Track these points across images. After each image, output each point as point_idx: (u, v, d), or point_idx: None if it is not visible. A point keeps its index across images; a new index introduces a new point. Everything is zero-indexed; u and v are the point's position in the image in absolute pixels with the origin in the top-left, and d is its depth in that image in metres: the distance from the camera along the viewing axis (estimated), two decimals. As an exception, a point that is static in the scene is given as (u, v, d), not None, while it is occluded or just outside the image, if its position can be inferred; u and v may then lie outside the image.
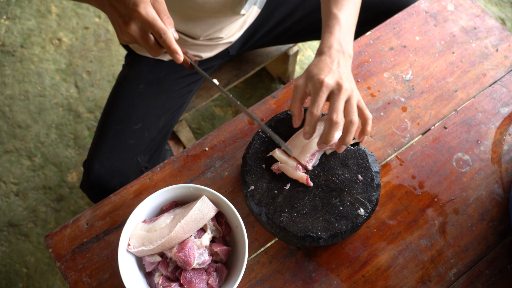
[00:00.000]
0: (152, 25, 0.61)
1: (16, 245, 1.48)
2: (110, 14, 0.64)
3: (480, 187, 0.78)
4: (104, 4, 0.63)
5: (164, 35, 0.61)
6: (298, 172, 0.71)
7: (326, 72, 0.67)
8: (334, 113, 0.64)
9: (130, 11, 0.60)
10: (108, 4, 0.62)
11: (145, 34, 0.63)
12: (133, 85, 0.99)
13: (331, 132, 0.65)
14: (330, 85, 0.65)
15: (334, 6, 0.74)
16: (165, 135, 1.03)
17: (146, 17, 0.60)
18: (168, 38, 0.62)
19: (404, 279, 0.71)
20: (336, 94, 0.65)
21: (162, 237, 0.64)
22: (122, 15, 0.61)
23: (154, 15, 0.61)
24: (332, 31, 0.72)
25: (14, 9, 1.87)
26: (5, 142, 1.63)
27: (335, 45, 0.70)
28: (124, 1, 0.60)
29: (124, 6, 0.60)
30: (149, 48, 0.64)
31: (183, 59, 0.65)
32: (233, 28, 1.02)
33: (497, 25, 0.92)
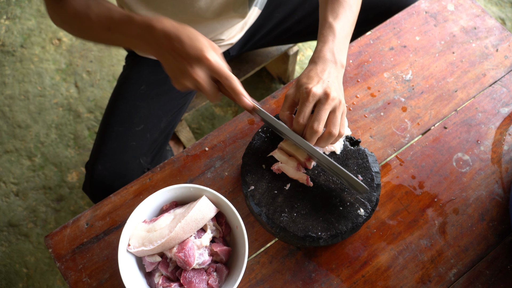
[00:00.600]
0: (219, 70, 0.63)
1: (16, 245, 1.48)
2: (169, 61, 0.65)
3: (480, 187, 0.78)
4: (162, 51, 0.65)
5: (231, 80, 0.64)
6: (298, 172, 0.71)
7: (315, 82, 0.67)
8: (316, 122, 0.65)
9: (197, 57, 0.62)
10: (170, 50, 0.64)
11: (209, 79, 0.65)
12: (134, 87, 0.99)
13: (311, 139, 0.66)
14: (317, 94, 0.65)
15: (330, 14, 0.74)
16: (167, 136, 1.03)
17: (214, 62, 0.62)
18: (234, 83, 0.64)
19: (404, 279, 0.71)
20: (322, 104, 0.65)
21: (162, 237, 0.64)
22: (188, 60, 0.63)
23: (220, 61, 0.63)
24: (325, 40, 0.72)
25: (14, 9, 1.87)
26: (5, 142, 1.63)
27: (328, 55, 0.71)
28: (188, 46, 0.62)
29: (189, 51, 0.62)
30: (211, 92, 0.66)
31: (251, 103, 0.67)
32: (234, 30, 1.02)
33: (497, 25, 0.92)
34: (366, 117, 0.83)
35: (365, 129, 0.82)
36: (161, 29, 0.64)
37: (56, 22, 0.78)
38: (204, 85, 0.65)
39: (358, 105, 0.84)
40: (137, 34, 0.67)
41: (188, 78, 0.65)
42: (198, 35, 0.64)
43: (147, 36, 0.66)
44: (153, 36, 0.65)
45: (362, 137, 0.81)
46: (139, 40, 0.67)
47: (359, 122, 0.82)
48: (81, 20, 0.72)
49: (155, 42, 0.65)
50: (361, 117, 0.83)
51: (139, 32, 0.66)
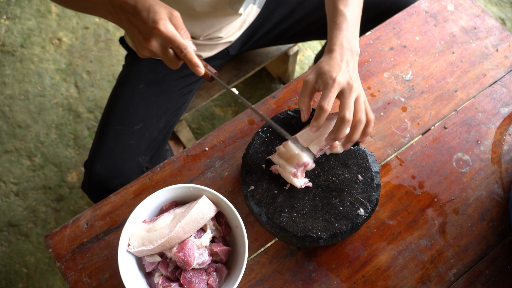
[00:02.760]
0: (172, 41, 0.63)
1: (16, 245, 1.48)
2: (129, 30, 0.66)
3: (480, 187, 0.78)
4: (122, 20, 0.66)
5: (185, 50, 0.64)
6: (294, 179, 0.70)
7: (338, 70, 0.68)
8: (347, 110, 0.66)
9: (150, 28, 0.63)
10: (127, 21, 0.65)
11: (165, 49, 0.65)
12: (133, 85, 0.99)
13: (342, 129, 0.67)
14: (341, 83, 0.67)
15: (340, 2, 0.75)
16: (166, 135, 1.03)
17: (166, 33, 0.63)
18: (188, 53, 0.65)
19: (404, 279, 0.71)
20: (347, 93, 0.67)
21: (162, 237, 0.64)
22: (142, 32, 0.64)
23: (173, 31, 0.63)
24: (340, 28, 0.72)
25: (14, 9, 1.87)
26: (5, 142, 1.63)
27: (344, 43, 0.71)
28: (143, 18, 0.63)
29: (143, 23, 0.63)
30: (168, 61, 0.67)
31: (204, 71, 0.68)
32: (232, 27, 1.02)
33: (497, 25, 0.92)
34: (366, 117, 0.83)
35: (365, 129, 0.82)
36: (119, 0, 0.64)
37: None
38: (161, 55, 0.66)
39: (358, 105, 0.84)
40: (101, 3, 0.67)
41: (145, 49, 0.66)
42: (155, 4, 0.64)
43: (107, 5, 0.66)
44: (112, 5, 0.65)
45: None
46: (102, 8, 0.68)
47: (359, 122, 0.82)
48: None
49: (115, 11, 0.66)
50: (361, 117, 0.83)
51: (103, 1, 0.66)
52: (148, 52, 0.66)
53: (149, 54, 0.67)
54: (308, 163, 0.71)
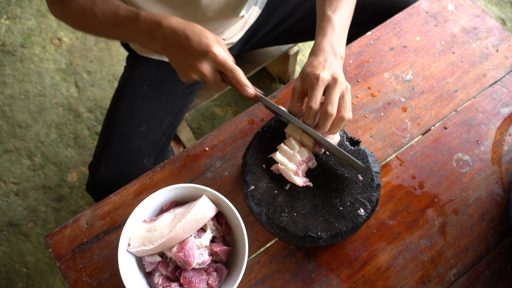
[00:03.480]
0: (224, 63, 0.67)
1: (16, 245, 1.48)
2: (176, 56, 0.69)
3: (480, 187, 0.78)
4: (169, 46, 0.69)
5: (236, 72, 0.68)
6: (295, 177, 0.71)
7: (321, 68, 0.69)
8: (329, 105, 0.67)
9: (204, 52, 0.66)
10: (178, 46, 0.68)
11: (215, 72, 0.69)
12: (135, 87, 0.99)
13: (326, 124, 0.68)
14: (325, 79, 0.68)
15: (328, 7, 0.76)
16: (169, 137, 1.03)
17: (220, 56, 0.67)
18: (239, 75, 0.68)
19: (404, 279, 0.71)
20: (332, 88, 0.68)
21: (163, 237, 0.64)
22: (195, 55, 0.67)
23: (225, 54, 0.68)
24: (325, 33, 0.74)
25: (14, 9, 1.87)
26: (5, 141, 1.63)
27: (327, 47, 0.73)
28: (195, 43, 0.66)
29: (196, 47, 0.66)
30: (215, 83, 0.70)
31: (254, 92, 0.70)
32: (234, 29, 1.02)
33: (498, 25, 0.92)
34: (366, 117, 0.83)
35: (365, 129, 0.82)
36: (168, 26, 0.67)
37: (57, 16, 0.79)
38: (210, 78, 0.69)
39: (358, 105, 0.84)
40: (143, 31, 0.69)
41: (195, 72, 0.69)
42: (204, 31, 0.67)
43: (154, 33, 0.69)
44: (160, 33, 0.68)
45: (362, 137, 0.81)
46: (145, 36, 0.70)
47: (359, 122, 0.82)
48: (85, 16, 0.73)
49: (163, 38, 0.68)
50: (361, 117, 0.83)
51: (146, 29, 0.69)
52: (197, 75, 0.69)
53: (197, 77, 0.70)
54: (311, 158, 0.71)
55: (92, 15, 0.73)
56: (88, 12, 0.73)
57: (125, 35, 0.73)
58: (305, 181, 0.71)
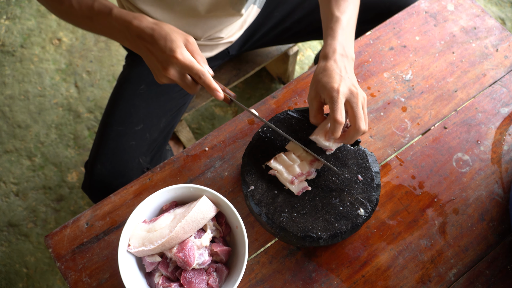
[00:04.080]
0: (190, 68, 0.65)
1: (16, 245, 1.48)
2: (146, 58, 0.68)
3: (480, 187, 0.78)
4: (139, 48, 0.68)
5: (203, 76, 0.66)
6: (291, 186, 0.71)
7: (338, 80, 0.67)
8: (360, 121, 0.66)
9: (168, 57, 0.64)
10: (144, 49, 0.67)
11: (183, 76, 0.67)
12: (134, 86, 0.99)
13: (354, 138, 0.68)
14: (346, 93, 0.67)
15: (336, 7, 0.74)
16: (166, 136, 1.03)
17: (184, 61, 0.65)
18: (207, 79, 0.66)
19: (404, 279, 0.71)
20: (355, 102, 0.67)
21: (163, 237, 0.64)
22: (160, 60, 0.66)
23: (190, 58, 0.65)
24: (335, 34, 0.72)
25: (14, 9, 1.87)
26: (5, 142, 1.63)
27: (339, 49, 0.71)
28: (160, 47, 0.64)
29: (161, 52, 0.65)
30: (186, 87, 0.69)
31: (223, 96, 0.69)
32: (233, 28, 1.02)
33: (497, 25, 0.92)
34: (366, 117, 0.83)
35: (365, 129, 0.82)
36: (137, 28, 0.66)
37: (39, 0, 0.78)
38: (180, 82, 0.68)
39: (358, 105, 0.84)
40: (115, 28, 0.68)
41: (163, 77, 0.68)
42: (172, 32, 0.65)
43: (125, 32, 0.68)
44: (130, 33, 0.67)
45: (362, 137, 0.81)
46: (118, 34, 0.69)
47: (359, 122, 0.82)
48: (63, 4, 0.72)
49: (132, 39, 0.67)
50: (361, 117, 0.83)
51: (117, 27, 0.68)
52: (167, 80, 0.68)
53: (167, 81, 0.69)
54: (311, 172, 0.71)
55: (69, 5, 0.71)
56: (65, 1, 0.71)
57: (99, 29, 0.72)
58: (300, 190, 0.71)
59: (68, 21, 0.77)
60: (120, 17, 0.67)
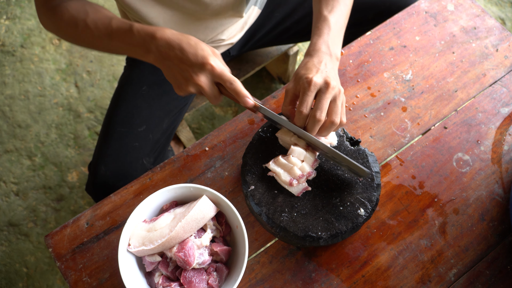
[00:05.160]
0: (222, 75, 0.66)
1: (16, 245, 1.48)
2: (171, 69, 0.68)
3: (480, 187, 0.78)
4: (163, 59, 0.67)
5: (235, 83, 0.66)
6: (290, 188, 0.71)
7: (314, 72, 0.68)
8: (318, 110, 0.66)
9: (200, 64, 0.65)
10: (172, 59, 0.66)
11: (212, 84, 0.67)
12: (135, 87, 0.99)
13: (314, 128, 0.68)
14: (318, 83, 0.67)
15: (325, 7, 0.75)
16: (169, 137, 1.03)
17: (217, 68, 0.65)
18: (238, 86, 0.67)
19: (404, 279, 0.71)
20: (323, 92, 0.67)
21: (163, 237, 0.64)
22: (191, 68, 0.65)
23: (222, 66, 0.66)
24: (320, 34, 0.73)
25: (14, 9, 1.87)
26: (5, 141, 1.63)
27: (323, 48, 0.72)
28: (191, 56, 0.65)
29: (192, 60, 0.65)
30: (213, 96, 0.69)
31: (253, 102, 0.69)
32: (234, 29, 1.02)
33: (497, 25, 0.92)
34: (366, 117, 0.83)
35: (365, 129, 0.82)
36: (162, 38, 0.66)
37: (48, 28, 0.78)
38: (208, 90, 0.67)
39: (358, 105, 0.84)
40: (137, 43, 0.68)
41: (192, 85, 0.67)
42: (200, 42, 0.66)
43: (148, 45, 0.67)
44: (154, 45, 0.67)
45: (362, 137, 0.81)
46: (139, 49, 0.69)
47: (359, 122, 0.82)
48: (77, 27, 0.72)
49: (157, 50, 0.67)
50: (361, 117, 0.83)
51: (139, 41, 0.68)
52: (194, 88, 0.68)
53: (194, 90, 0.68)
54: (311, 173, 0.71)
55: (84, 26, 0.71)
56: (80, 23, 0.71)
57: (118, 47, 0.72)
58: (300, 191, 0.71)
59: (83, 45, 0.76)
60: (142, 30, 0.67)
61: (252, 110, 0.70)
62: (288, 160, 0.71)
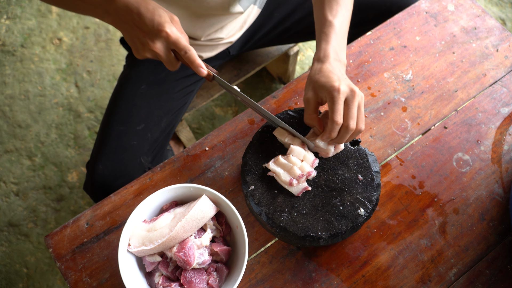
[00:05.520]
0: (177, 43, 0.66)
1: (16, 245, 1.48)
2: (129, 31, 0.68)
3: (480, 187, 0.78)
4: (122, 22, 0.67)
5: (189, 51, 0.66)
6: (290, 188, 0.71)
7: (336, 79, 0.68)
8: (351, 120, 0.67)
9: (156, 31, 0.65)
10: (128, 22, 0.66)
11: (168, 51, 0.67)
12: (134, 86, 0.99)
13: (346, 137, 0.69)
14: (345, 91, 0.67)
15: (329, 12, 0.75)
16: (167, 136, 1.03)
17: (172, 36, 0.65)
18: (192, 55, 0.67)
19: (404, 279, 0.71)
20: (351, 101, 0.68)
21: (163, 236, 0.64)
22: (147, 33, 0.65)
23: (178, 34, 0.66)
24: (328, 39, 0.73)
25: (15, 9, 1.87)
26: (5, 141, 1.63)
27: (332, 54, 0.72)
28: (147, 21, 0.65)
29: (148, 26, 0.65)
30: (169, 63, 0.69)
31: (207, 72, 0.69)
32: (233, 28, 1.02)
33: (498, 25, 0.92)
34: (366, 117, 0.83)
35: (365, 129, 0.82)
36: (121, 1, 0.66)
37: None
38: (164, 57, 0.68)
39: (358, 105, 0.84)
40: (97, 3, 0.68)
41: (148, 50, 0.67)
42: (158, 8, 0.66)
43: (106, 6, 0.67)
44: (113, 7, 0.67)
45: (362, 137, 0.81)
46: (98, 8, 0.69)
47: (359, 122, 0.82)
48: None
49: (115, 12, 0.67)
50: (361, 117, 0.83)
51: (99, 1, 0.67)
52: (150, 53, 0.68)
53: (150, 55, 0.68)
54: (311, 173, 0.71)
55: None
56: None
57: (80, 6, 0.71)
58: (300, 191, 0.71)
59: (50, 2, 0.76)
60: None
61: (208, 79, 0.71)
62: (288, 159, 0.71)
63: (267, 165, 0.72)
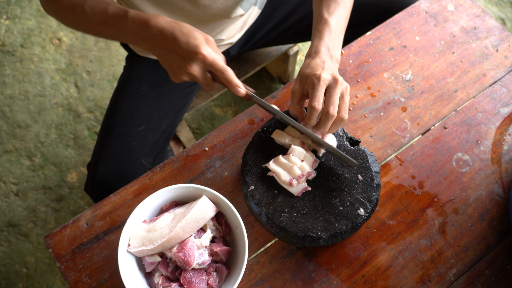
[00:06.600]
0: (214, 64, 0.66)
1: (16, 245, 1.48)
2: (165, 56, 0.68)
3: (480, 187, 0.78)
4: (157, 47, 0.68)
5: (226, 72, 0.67)
6: (290, 188, 0.71)
7: (320, 69, 0.69)
8: (331, 106, 0.67)
9: (192, 54, 0.65)
10: (166, 47, 0.67)
11: (204, 73, 0.68)
12: (135, 87, 0.99)
13: (327, 124, 0.68)
14: (327, 79, 0.67)
15: (326, 10, 0.76)
16: (168, 137, 1.03)
17: (209, 57, 0.65)
18: (229, 75, 0.67)
19: (404, 279, 0.71)
20: (333, 88, 0.68)
21: (163, 237, 0.64)
22: (183, 57, 0.66)
23: (214, 55, 0.66)
24: (321, 36, 0.74)
25: (14, 9, 1.87)
26: (5, 142, 1.63)
27: (323, 50, 0.73)
28: (183, 44, 0.65)
29: (184, 49, 0.65)
30: (206, 84, 0.70)
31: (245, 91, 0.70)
32: (233, 29, 1.02)
33: (497, 25, 0.92)
34: (366, 117, 0.83)
35: (365, 129, 0.82)
36: (155, 26, 0.66)
37: (48, 12, 0.78)
38: (201, 79, 0.68)
39: (358, 105, 0.84)
40: (131, 30, 0.68)
41: (185, 73, 0.68)
42: (193, 30, 0.66)
43: (142, 33, 0.68)
44: (148, 33, 0.67)
45: (362, 137, 0.81)
46: (134, 35, 0.69)
47: (359, 122, 0.82)
48: (75, 12, 0.73)
49: (150, 39, 0.67)
50: (361, 117, 0.83)
51: (134, 28, 0.68)
52: (187, 76, 0.68)
53: (188, 78, 0.69)
54: (311, 173, 0.71)
55: (81, 12, 0.72)
56: (78, 8, 0.72)
57: (114, 33, 0.72)
58: (300, 191, 0.71)
59: (81, 29, 0.77)
60: (136, 17, 0.67)
61: (245, 99, 0.71)
62: (288, 159, 0.71)
63: (267, 165, 0.72)
